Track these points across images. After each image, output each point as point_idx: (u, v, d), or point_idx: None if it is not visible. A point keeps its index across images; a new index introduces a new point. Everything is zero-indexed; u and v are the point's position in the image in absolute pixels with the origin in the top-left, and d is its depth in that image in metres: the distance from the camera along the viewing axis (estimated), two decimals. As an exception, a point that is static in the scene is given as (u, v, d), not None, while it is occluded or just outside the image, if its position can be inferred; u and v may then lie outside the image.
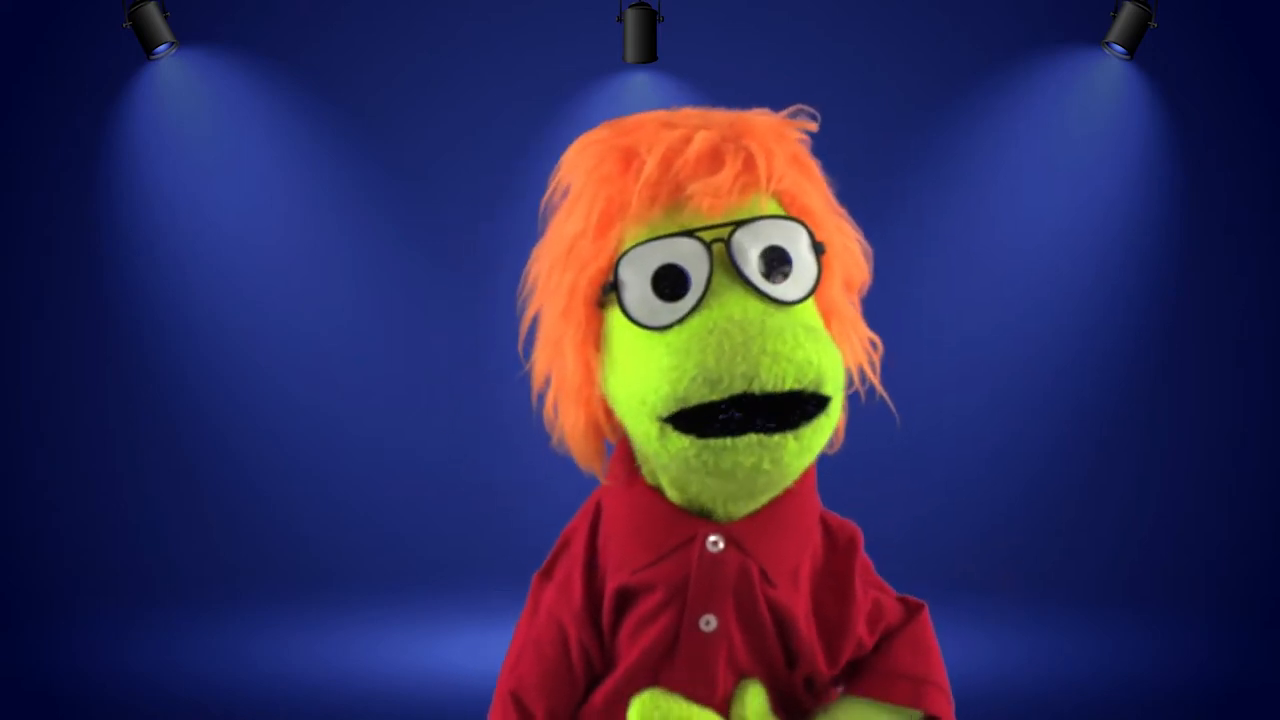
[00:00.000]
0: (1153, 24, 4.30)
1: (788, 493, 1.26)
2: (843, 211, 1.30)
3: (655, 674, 1.26)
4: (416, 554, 4.61)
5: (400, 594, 4.53)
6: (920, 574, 4.56)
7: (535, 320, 1.31)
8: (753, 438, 1.12)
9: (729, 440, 1.12)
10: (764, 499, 1.25)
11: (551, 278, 1.26)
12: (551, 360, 1.28)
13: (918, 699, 1.35)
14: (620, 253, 1.19)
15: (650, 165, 1.17)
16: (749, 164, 1.18)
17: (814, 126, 1.29)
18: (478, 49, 4.58)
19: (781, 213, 1.21)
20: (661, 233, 1.17)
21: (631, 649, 1.27)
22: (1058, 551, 4.66)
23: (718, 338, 1.11)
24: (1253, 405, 4.66)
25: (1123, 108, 4.56)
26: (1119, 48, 4.37)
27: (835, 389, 1.15)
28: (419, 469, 4.67)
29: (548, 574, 1.36)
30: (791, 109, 1.28)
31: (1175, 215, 4.61)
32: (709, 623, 1.24)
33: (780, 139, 1.23)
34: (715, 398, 1.11)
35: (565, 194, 1.26)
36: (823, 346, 1.13)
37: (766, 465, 1.14)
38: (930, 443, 4.60)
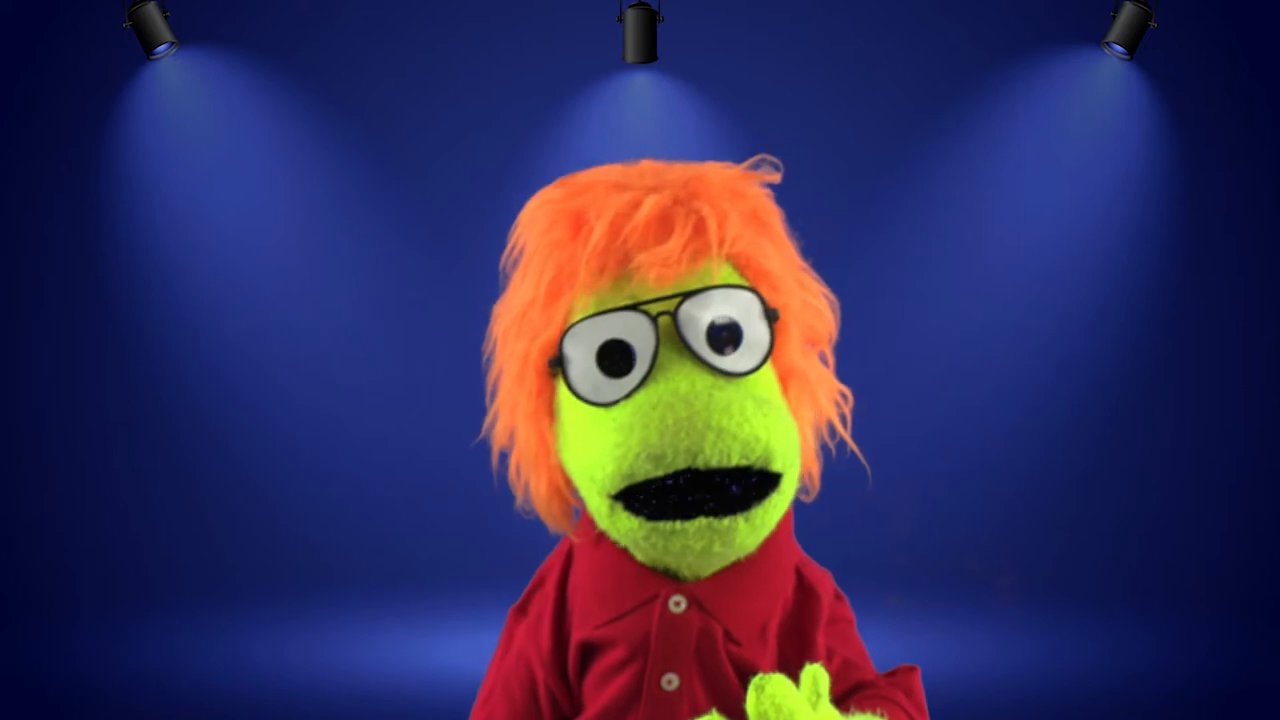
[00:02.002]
0: (1153, 24, 4.30)
1: (757, 551, 1.23)
2: (805, 266, 1.26)
3: None
4: (416, 554, 4.61)
5: (400, 594, 4.54)
6: (920, 573, 4.59)
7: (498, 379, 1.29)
8: (702, 521, 1.10)
9: (678, 524, 1.11)
10: (727, 561, 1.22)
11: (506, 342, 1.25)
12: (510, 423, 1.27)
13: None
14: (567, 325, 1.16)
15: (598, 233, 1.15)
16: (699, 229, 1.15)
17: (776, 178, 1.25)
18: (478, 49, 4.58)
19: (734, 279, 1.17)
20: (609, 305, 1.15)
21: (596, 699, 1.25)
22: (1058, 550, 4.66)
23: (661, 413, 1.08)
24: (1253, 404, 4.66)
25: (1123, 108, 4.56)
26: (1119, 48, 4.37)
27: (785, 464, 1.12)
28: (419, 469, 4.67)
29: (522, 610, 1.35)
30: (753, 159, 1.25)
31: (1175, 214, 4.61)
32: (671, 682, 1.22)
33: (735, 197, 1.19)
34: (660, 474, 1.09)
35: (521, 253, 1.25)
36: (773, 420, 1.10)
37: (717, 548, 1.12)
38: (930, 442, 4.61)
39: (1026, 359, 4.67)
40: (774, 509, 1.14)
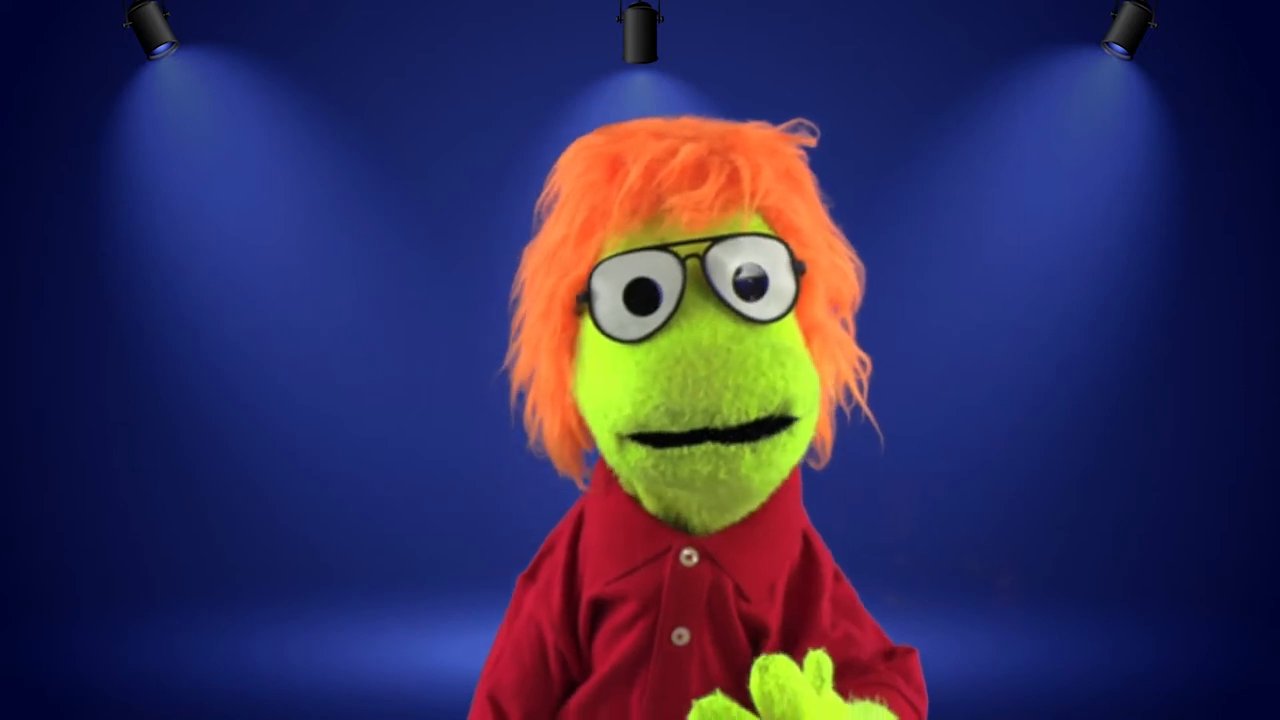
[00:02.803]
0: (1153, 24, 4.30)
1: (767, 507, 1.25)
2: (835, 229, 1.28)
3: (630, 683, 1.25)
4: (416, 554, 4.61)
5: (400, 594, 4.54)
6: (920, 572, 4.59)
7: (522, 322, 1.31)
8: (709, 446, 1.11)
9: (685, 449, 1.12)
10: (739, 511, 1.24)
11: (535, 282, 1.27)
12: (531, 362, 1.28)
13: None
14: (597, 262, 1.18)
15: (633, 176, 1.17)
16: (733, 178, 1.17)
17: (812, 141, 1.28)
18: (478, 49, 4.58)
19: (763, 230, 1.19)
20: (639, 245, 1.16)
21: (606, 658, 1.26)
22: (1058, 550, 4.66)
23: (683, 369, 1.09)
24: (1253, 404, 4.66)
25: (1123, 108, 4.56)
26: (1119, 48, 4.37)
27: (805, 409, 1.13)
28: (419, 469, 4.67)
29: (531, 576, 1.36)
30: (791, 122, 1.27)
31: (1175, 214, 4.61)
32: (681, 636, 1.23)
33: (771, 154, 1.22)
34: (675, 430, 1.10)
35: (557, 197, 1.26)
36: (791, 368, 1.11)
37: (723, 474, 1.13)
38: (930, 441, 4.61)
39: (1026, 359, 4.67)
40: (782, 448, 1.14)
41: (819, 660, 1.02)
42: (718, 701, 0.99)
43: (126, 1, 4.29)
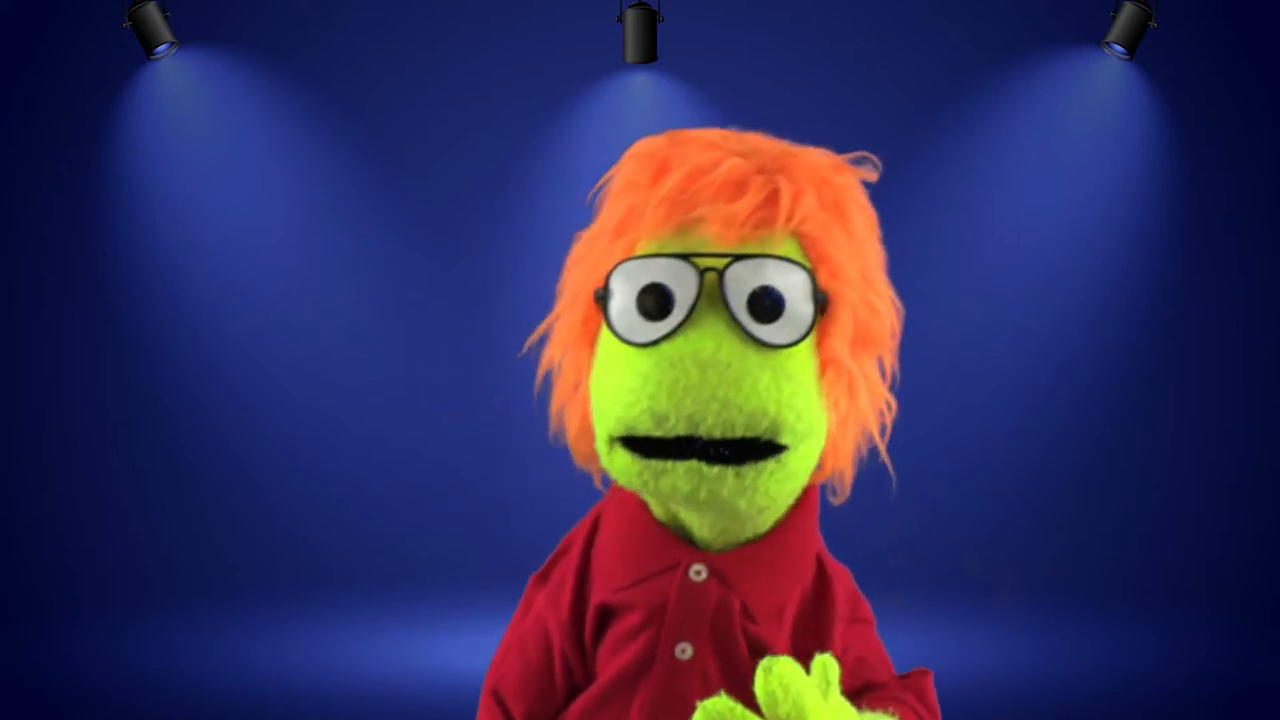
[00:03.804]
0: (1153, 24, 4.30)
1: (779, 529, 1.24)
2: (879, 267, 1.26)
3: (631, 694, 1.24)
4: (416, 554, 4.61)
5: (400, 594, 4.54)
6: (920, 573, 4.58)
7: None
8: (692, 464, 1.11)
9: (668, 463, 1.11)
10: (741, 531, 1.23)
11: (570, 271, 1.27)
12: (556, 350, 1.29)
13: None
14: (619, 262, 1.18)
15: (672, 181, 1.16)
16: (772, 199, 1.15)
17: (873, 176, 1.26)
18: (478, 49, 4.58)
19: (794, 255, 1.17)
20: (666, 250, 1.16)
21: (609, 666, 1.26)
22: (1058, 550, 4.66)
23: (675, 374, 1.09)
24: (1253, 404, 4.66)
25: (1123, 108, 4.56)
26: (1119, 48, 4.37)
27: (796, 438, 1.12)
28: (419, 469, 4.67)
29: (544, 577, 1.36)
30: (854, 155, 1.26)
31: (1175, 214, 4.61)
32: (684, 651, 1.22)
33: (819, 181, 1.20)
34: (659, 434, 1.10)
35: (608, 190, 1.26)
36: (788, 395, 1.10)
37: (702, 495, 1.12)
38: (930, 442, 4.60)
39: (1026, 359, 4.67)
40: (769, 475, 1.13)
41: (825, 664, 1.01)
42: (721, 702, 0.99)
43: (126, 1, 4.29)
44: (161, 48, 4.34)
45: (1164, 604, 4.49)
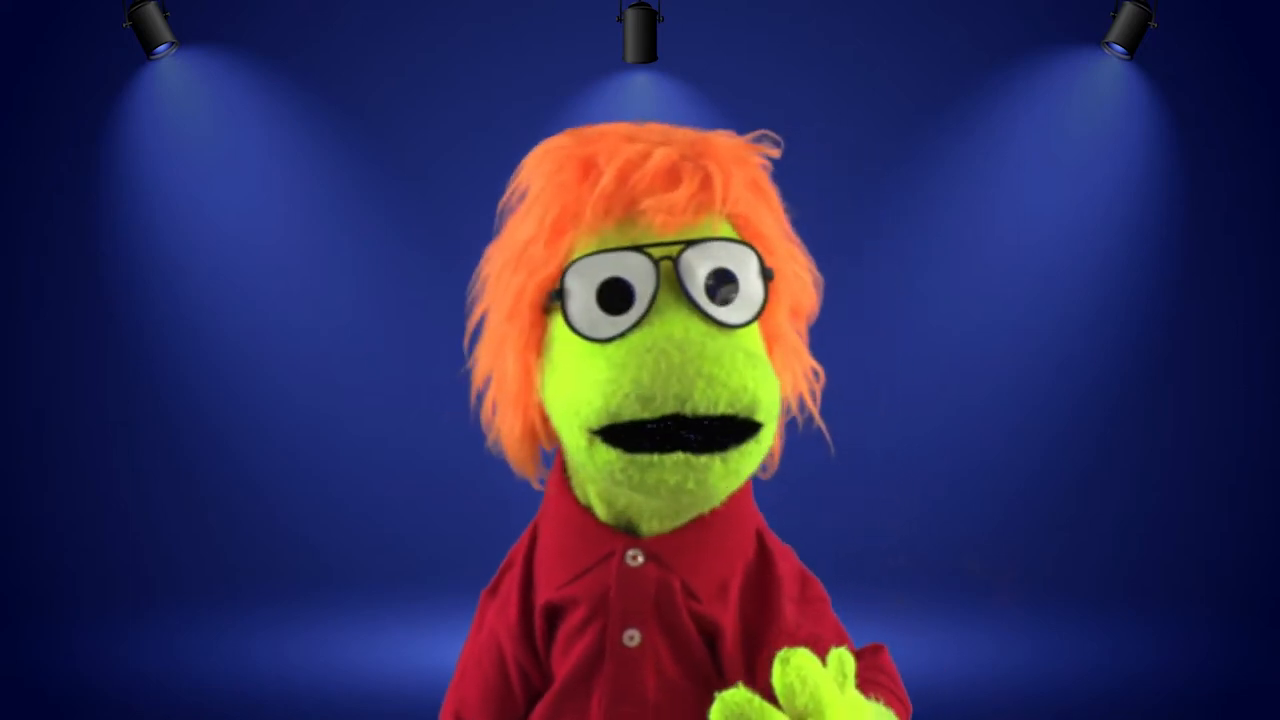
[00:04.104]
0: (1153, 24, 4.30)
1: (714, 508, 1.25)
2: (796, 239, 1.29)
3: (588, 689, 1.25)
4: (416, 554, 4.61)
5: (400, 594, 4.53)
6: (920, 573, 4.58)
7: (481, 320, 1.34)
8: (680, 456, 1.12)
9: (655, 456, 1.12)
10: (689, 516, 1.24)
11: (501, 280, 1.27)
12: (493, 361, 1.30)
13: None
14: (569, 262, 1.18)
15: (607, 177, 1.17)
16: (705, 184, 1.17)
17: (776, 153, 1.28)
18: (478, 49, 4.58)
19: (734, 236, 1.20)
20: (612, 245, 1.17)
21: (563, 664, 1.26)
22: (1058, 550, 4.66)
23: (655, 356, 1.10)
24: (1253, 404, 4.66)
25: (1123, 108, 4.56)
26: (1119, 48, 4.37)
27: (768, 416, 1.14)
28: (419, 469, 4.67)
29: (493, 592, 1.37)
30: (755, 134, 1.28)
31: (1175, 215, 4.61)
32: (633, 637, 1.23)
33: (740, 162, 1.22)
34: (646, 416, 1.10)
35: (523, 197, 1.27)
36: (760, 373, 1.12)
37: (691, 485, 1.13)
38: (929, 441, 4.61)
39: (1026, 359, 4.67)
40: (749, 456, 1.15)
41: (842, 657, 1.01)
42: (740, 694, 0.98)
43: (126, 1, 4.29)
44: (161, 48, 4.35)
45: (1164, 604, 4.49)
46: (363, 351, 4.68)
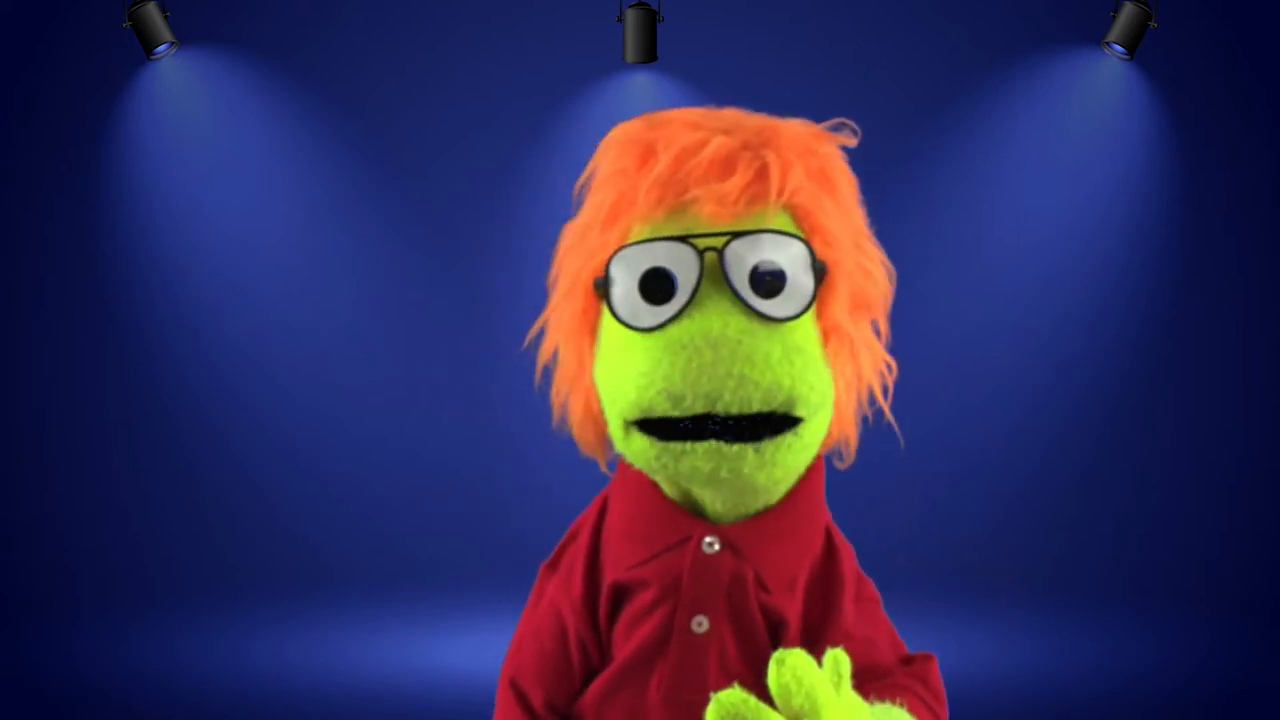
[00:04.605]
0: (1153, 24, 4.30)
1: (789, 500, 1.25)
2: (866, 232, 1.28)
3: (648, 671, 1.25)
4: (416, 554, 4.61)
5: (400, 594, 4.54)
6: (920, 572, 4.58)
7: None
8: (711, 444, 1.12)
9: (688, 445, 1.13)
10: (755, 504, 1.24)
11: (564, 261, 1.27)
12: (555, 340, 1.30)
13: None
14: (618, 249, 1.18)
15: (661, 165, 1.17)
16: (762, 174, 1.16)
17: (852, 141, 1.27)
18: (478, 49, 4.58)
19: (789, 228, 1.19)
20: (662, 233, 1.17)
21: (626, 645, 1.27)
22: (1058, 551, 4.66)
23: (688, 354, 1.10)
24: (1253, 404, 4.66)
25: (1123, 108, 4.56)
26: (1119, 48, 4.37)
27: (810, 410, 1.14)
28: (419, 469, 4.67)
29: (553, 565, 1.37)
30: (833, 121, 1.26)
31: (1175, 215, 4.61)
32: (701, 624, 1.23)
33: (805, 152, 1.21)
34: (677, 414, 1.11)
35: (592, 178, 1.27)
36: (800, 368, 1.12)
37: (724, 473, 1.14)
38: (930, 441, 4.61)
39: (1026, 359, 4.67)
40: (787, 448, 1.15)
41: (837, 658, 1.01)
42: (735, 694, 0.98)
43: (126, 1, 4.29)
44: (161, 48, 4.35)
45: (1164, 604, 4.49)
46: (363, 351, 4.68)
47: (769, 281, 1.14)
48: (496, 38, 4.57)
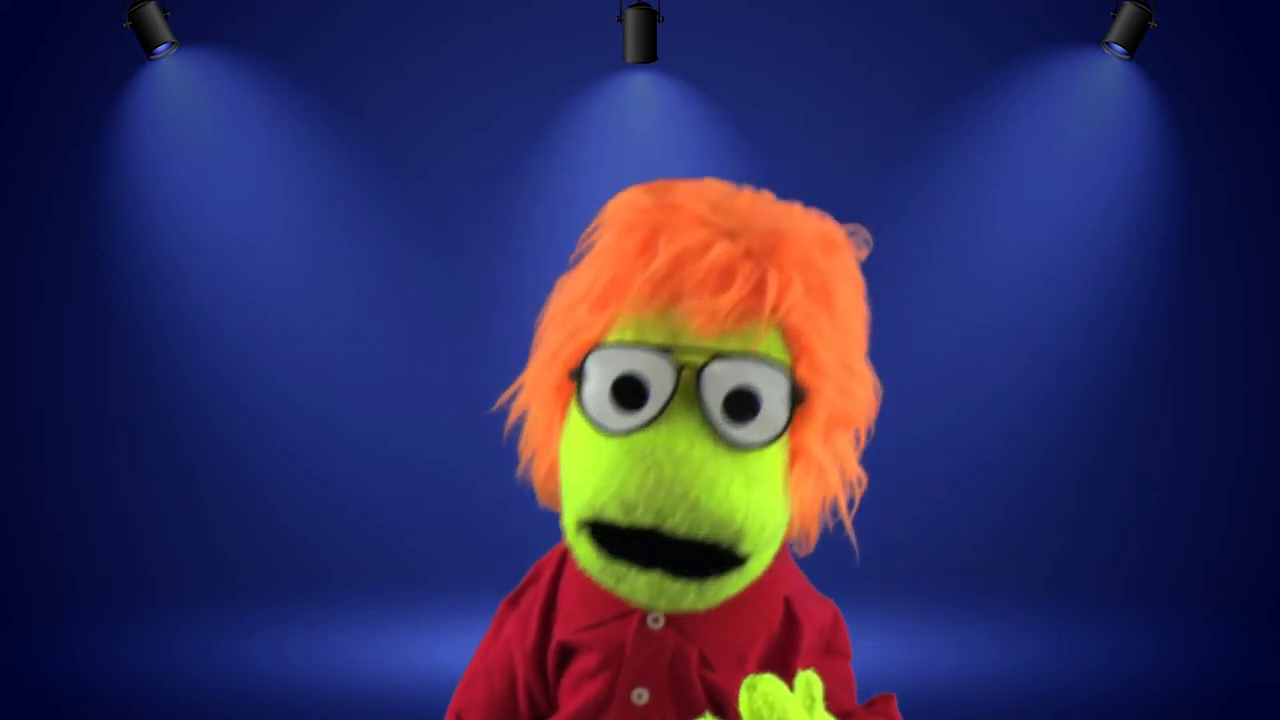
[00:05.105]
0: (1153, 24, 4.30)
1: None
2: (861, 349, 1.26)
3: None
4: (416, 554, 4.61)
5: (400, 594, 4.54)
6: (920, 573, 4.58)
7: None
8: (655, 576, 1.11)
9: (631, 570, 1.11)
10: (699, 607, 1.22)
11: (548, 328, 1.25)
12: (527, 399, 1.28)
13: None
14: (600, 340, 1.16)
15: (660, 261, 1.13)
16: (758, 289, 1.13)
17: (863, 254, 1.25)
18: (478, 49, 4.58)
19: (776, 349, 1.15)
20: (647, 334, 1.14)
21: (569, 702, 1.27)
22: (1058, 551, 4.66)
23: (647, 466, 1.08)
24: (1253, 404, 4.66)
25: (1123, 108, 4.56)
26: (1119, 48, 4.37)
27: (755, 548, 1.12)
28: (419, 469, 4.67)
29: (514, 602, 1.37)
30: (849, 227, 1.24)
31: (1175, 215, 4.61)
32: (641, 696, 1.23)
33: (808, 266, 1.17)
34: (625, 524, 1.09)
35: (598, 233, 1.23)
36: (756, 502, 1.10)
37: (662, 605, 1.13)
38: (930, 441, 4.61)
39: (1026, 359, 4.67)
40: (730, 585, 1.14)
41: (809, 680, 1.01)
42: None
43: (126, 1, 4.29)
44: (161, 48, 4.34)
45: (1164, 604, 4.49)
46: (363, 351, 4.68)
47: (743, 407, 1.11)
48: (496, 38, 4.57)
